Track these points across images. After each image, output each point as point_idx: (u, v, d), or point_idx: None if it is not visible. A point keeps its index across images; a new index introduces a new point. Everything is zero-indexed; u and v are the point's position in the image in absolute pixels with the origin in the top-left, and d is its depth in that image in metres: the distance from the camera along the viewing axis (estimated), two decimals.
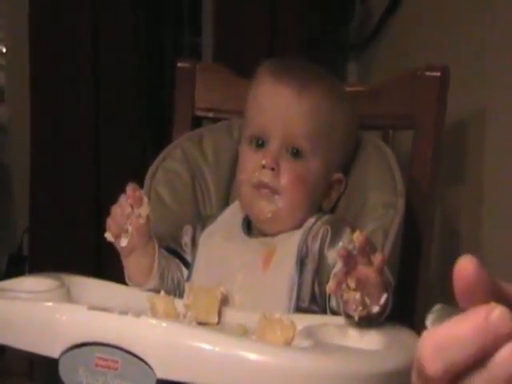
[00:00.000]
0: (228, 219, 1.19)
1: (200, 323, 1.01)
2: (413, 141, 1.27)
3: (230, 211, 1.21)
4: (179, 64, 1.45)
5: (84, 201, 2.01)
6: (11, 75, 2.24)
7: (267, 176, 1.11)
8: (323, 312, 1.04)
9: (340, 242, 1.07)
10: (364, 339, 0.91)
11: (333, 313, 1.02)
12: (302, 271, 1.07)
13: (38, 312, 0.92)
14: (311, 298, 1.07)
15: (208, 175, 1.31)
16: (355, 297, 0.90)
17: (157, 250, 1.11)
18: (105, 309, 0.89)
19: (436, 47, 1.55)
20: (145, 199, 1.06)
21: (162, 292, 1.04)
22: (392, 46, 1.85)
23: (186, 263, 1.17)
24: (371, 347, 0.89)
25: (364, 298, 0.90)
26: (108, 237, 1.07)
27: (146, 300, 1.02)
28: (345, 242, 1.05)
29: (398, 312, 0.96)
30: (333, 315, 1.01)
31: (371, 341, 0.90)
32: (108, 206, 1.07)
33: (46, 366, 0.96)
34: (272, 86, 1.14)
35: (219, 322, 1.04)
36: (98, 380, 0.86)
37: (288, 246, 1.10)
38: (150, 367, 0.83)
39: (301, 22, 1.96)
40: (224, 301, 1.06)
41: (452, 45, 1.49)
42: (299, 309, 1.06)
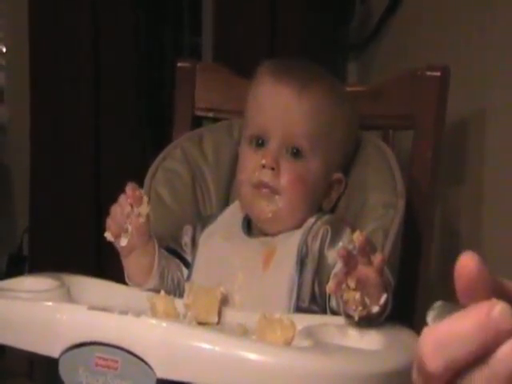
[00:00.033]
0: (228, 219, 1.19)
1: (200, 323, 1.01)
2: (413, 141, 1.27)
3: (230, 211, 1.21)
4: (179, 64, 1.45)
5: (84, 201, 2.01)
6: (11, 75, 2.24)
7: (267, 176, 1.11)
8: (323, 312, 1.04)
9: (340, 242, 1.07)
10: (364, 339, 0.91)
11: (333, 313, 1.01)
12: (302, 271, 1.07)
13: (38, 312, 0.92)
14: (311, 298, 1.06)
15: (208, 175, 1.31)
16: (355, 297, 0.89)
17: (157, 250, 1.11)
18: (105, 309, 0.89)
19: (436, 47, 1.55)
20: (144, 198, 1.06)
21: (162, 292, 1.04)
22: (392, 46, 1.85)
23: (186, 263, 1.17)
24: (371, 347, 0.89)
25: (364, 298, 0.90)
26: (108, 236, 1.07)
27: (146, 300, 1.02)
28: (345, 242, 1.05)
29: (398, 312, 0.96)
30: (333, 315, 1.01)
31: (371, 341, 0.90)
32: (108, 206, 1.07)
33: (46, 366, 0.96)
34: (272, 86, 1.14)
35: (219, 322, 1.04)
36: (98, 380, 0.86)
37: (288, 246, 1.10)
38: (150, 367, 0.83)
39: (301, 22, 1.96)
40: (224, 301, 1.06)
41: (452, 45, 1.49)
42: (299, 309, 1.06)
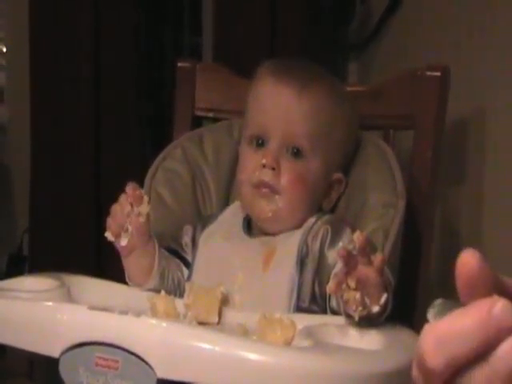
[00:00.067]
0: (228, 219, 1.19)
1: (200, 323, 1.01)
2: (413, 141, 1.27)
3: (231, 211, 1.21)
4: (179, 64, 1.45)
5: (84, 201, 2.01)
6: (11, 75, 2.24)
7: (267, 175, 1.11)
8: (323, 312, 1.04)
9: (340, 242, 1.07)
10: (364, 339, 0.91)
11: (333, 313, 1.01)
12: (302, 271, 1.07)
13: (39, 312, 0.92)
14: (311, 298, 1.06)
15: (208, 175, 1.31)
16: (355, 297, 0.89)
17: (157, 250, 1.11)
18: (105, 309, 0.89)
19: (436, 47, 1.55)
20: (145, 198, 1.06)
21: (163, 292, 1.04)
22: (392, 46, 1.85)
23: (187, 263, 1.17)
24: (371, 347, 0.89)
25: (364, 298, 0.90)
26: (108, 236, 1.07)
27: (147, 300, 1.02)
28: (345, 242, 1.05)
29: (398, 312, 0.96)
30: (333, 315, 1.01)
31: (371, 341, 0.90)
32: (108, 206, 1.07)
33: (47, 366, 0.96)
34: (272, 86, 1.14)
35: (219, 322, 1.04)
36: (99, 380, 0.86)
37: (288, 246, 1.10)
38: (151, 367, 0.83)
39: (301, 22, 1.96)
40: (224, 301, 1.06)
41: (452, 45, 1.49)
42: (299, 309, 1.06)
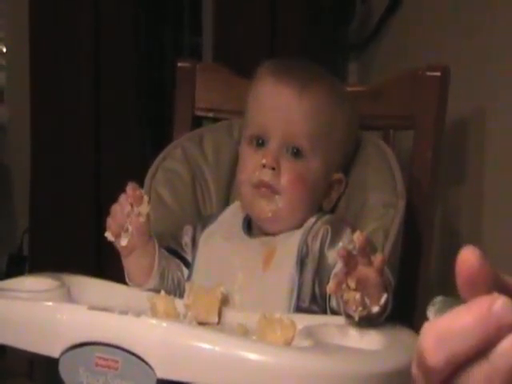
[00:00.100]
0: (228, 219, 1.19)
1: (200, 323, 1.01)
2: (413, 141, 1.27)
3: (231, 211, 1.21)
4: (179, 64, 1.45)
5: (84, 201, 2.01)
6: (11, 75, 2.24)
7: (267, 175, 1.11)
8: (323, 312, 1.04)
9: (340, 242, 1.07)
10: (364, 339, 0.91)
11: (333, 313, 1.01)
12: (303, 271, 1.07)
13: (39, 312, 0.92)
14: (311, 298, 1.06)
15: (208, 175, 1.31)
16: (355, 297, 0.89)
17: (157, 250, 1.11)
18: (105, 309, 0.89)
19: (436, 47, 1.55)
20: (145, 198, 1.06)
21: (163, 292, 1.04)
22: (392, 46, 1.85)
23: (187, 263, 1.17)
24: (371, 347, 0.89)
25: (364, 299, 0.90)
26: (108, 236, 1.07)
27: (147, 300, 1.02)
28: (345, 242, 1.05)
29: (398, 312, 0.96)
30: (333, 315, 1.01)
31: (371, 341, 0.90)
32: (108, 206, 1.07)
33: (47, 366, 0.96)
34: (272, 86, 1.14)
35: (219, 322, 1.04)
36: (99, 380, 0.86)
37: (288, 246, 1.10)
38: (151, 367, 0.83)
39: (301, 22, 1.96)
40: (224, 301, 1.06)
41: (452, 45, 1.49)
42: (299, 309, 1.06)
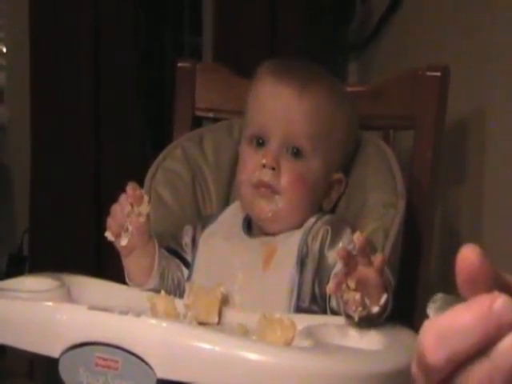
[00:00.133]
0: (228, 219, 1.19)
1: (200, 323, 1.01)
2: (413, 141, 1.27)
3: (231, 211, 1.21)
4: (179, 64, 1.45)
5: (84, 201, 2.01)
6: (11, 75, 2.24)
7: (267, 175, 1.11)
8: (323, 312, 1.04)
9: (340, 243, 1.07)
10: (364, 339, 0.91)
11: (333, 313, 1.01)
12: (303, 271, 1.07)
13: (38, 312, 0.92)
14: (311, 298, 1.06)
15: (208, 175, 1.31)
16: (355, 297, 0.89)
17: (157, 250, 1.11)
18: (105, 309, 0.89)
19: (436, 47, 1.55)
20: (145, 198, 1.06)
21: (163, 292, 1.04)
22: (392, 46, 1.85)
23: (187, 263, 1.17)
24: (371, 347, 0.89)
25: (364, 299, 0.90)
26: (108, 236, 1.07)
27: (147, 300, 1.02)
28: (345, 243, 1.05)
29: (399, 312, 0.96)
30: (333, 315, 1.01)
31: (371, 341, 0.90)
32: (108, 206, 1.07)
33: (47, 366, 0.96)
34: (272, 86, 1.14)
35: (219, 322, 1.04)
36: (99, 380, 0.86)
37: (288, 246, 1.10)
38: (150, 367, 0.83)
39: (301, 22, 1.96)
40: (224, 301, 1.06)
41: (452, 45, 1.49)
42: (299, 309, 1.06)
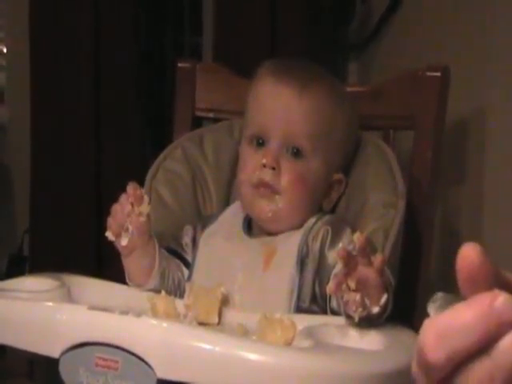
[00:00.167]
0: (229, 219, 1.19)
1: (200, 323, 1.01)
2: (413, 141, 1.27)
3: (231, 211, 1.21)
4: (179, 64, 1.45)
5: (84, 201, 2.00)
6: (11, 75, 2.24)
7: (268, 175, 1.11)
8: (324, 312, 1.04)
9: (340, 243, 1.07)
10: (364, 339, 0.91)
11: (333, 313, 1.01)
12: (303, 271, 1.07)
13: (39, 312, 0.92)
14: (312, 299, 1.06)
15: (208, 175, 1.31)
16: (355, 298, 0.89)
17: (157, 250, 1.11)
18: (105, 309, 0.89)
19: (436, 47, 1.55)
20: (145, 197, 1.06)
21: (163, 292, 1.04)
22: (392, 46, 1.84)
23: (187, 263, 1.17)
24: (371, 347, 0.89)
25: (364, 299, 0.90)
26: (109, 236, 1.07)
27: (147, 300, 1.02)
28: (345, 243, 1.05)
29: (399, 312, 0.96)
30: (333, 315, 1.01)
31: (371, 341, 0.90)
32: (108, 206, 1.07)
33: (47, 366, 0.97)
34: (272, 86, 1.14)
35: (219, 323, 1.04)
36: (99, 380, 0.86)
37: (288, 246, 1.10)
38: (151, 367, 0.83)
39: (301, 22, 1.95)
40: (224, 301, 1.06)
41: (452, 45, 1.49)
42: (300, 309, 1.06)
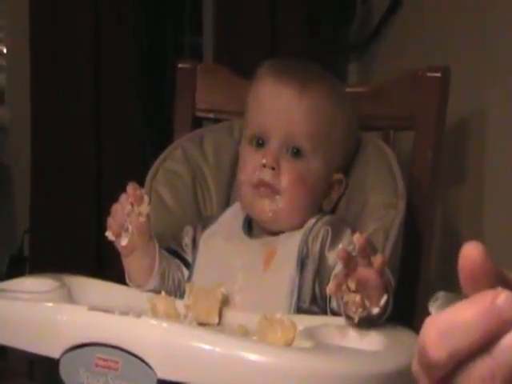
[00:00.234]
0: (229, 220, 1.19)
1: (200, 324, 1.01)
2: (413, 141, 1.27)
3: (231, 212, 1.21)
4: (180, 65, 1.45)
5: (84, 201, 2.01)
6: (12, 76, 2.24)
7: (268, 175, 1.11)
8: (324, 313, 1.04)
9: (340, 244, 1.07)
10: (364, 340, 0.91)
11: (333, 313, 1.01)
12: (303, 272, 1.07)
13: (39, 312, 0.92)
14: (312, 299, 1.06)
15: (209, 176, 1.31)
16: (355, 299, 0.89)
17: (157, 250, 1.11)
18: (105, 309, 0.89)
19: (436, 47, 1.55)
20: (145, 197, 1.06)
21: (163, 292, 1.04)
22: (393, 47, 1.84)
23: (187, 264, 1.17)
24: (371, 348, 0.89)
25: (364, 300, 0.90)
26: (109, 236, 1.07)
27: (147, 300, 1.02)
28: (345, 244, 1.05)
29: (399, 312, 0.96)
30: (333, 316, 1.01)
31: (371, 342, 0.90)
32: (108, 206, 1.07)
33: (47, 367, 0.96)
34: (273, 86, 1.14)
35: (220, 323, 1.04)
36: (99, 380, 0.86)
37: (288, 247, 1.10)
38: (151, 367, 0.83)
39: (301, 22, 1.95)
40: (224, 301, 1.06)
41: (452, 45, 1.49)
42: (300, 309, 1.06)
